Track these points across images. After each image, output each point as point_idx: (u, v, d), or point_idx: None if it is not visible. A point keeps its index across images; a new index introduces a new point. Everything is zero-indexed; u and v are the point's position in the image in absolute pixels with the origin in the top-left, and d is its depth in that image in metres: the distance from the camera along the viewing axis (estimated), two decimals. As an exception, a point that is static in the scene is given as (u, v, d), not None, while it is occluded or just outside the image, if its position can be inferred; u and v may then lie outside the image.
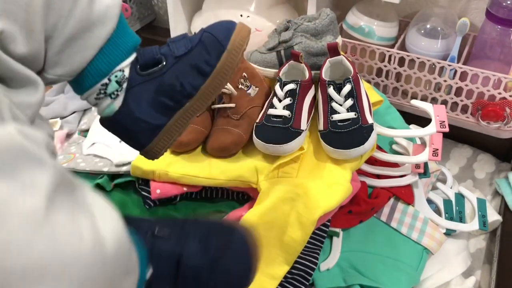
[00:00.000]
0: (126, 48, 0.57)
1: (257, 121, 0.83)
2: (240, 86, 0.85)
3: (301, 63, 0.85)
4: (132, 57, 0.58)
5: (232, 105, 0.84)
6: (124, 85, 0.57)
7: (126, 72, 0.57)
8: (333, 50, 0.83)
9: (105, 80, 0.56)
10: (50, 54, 0.52)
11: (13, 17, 0.45)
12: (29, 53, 0.48)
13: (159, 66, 0.58)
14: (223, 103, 0.84)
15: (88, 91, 0.57)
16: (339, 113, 0.79)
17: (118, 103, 0.58)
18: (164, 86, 0.58)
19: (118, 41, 0.56)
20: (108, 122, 0.60)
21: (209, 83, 0.58)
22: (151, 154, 0.62)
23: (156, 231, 0.55)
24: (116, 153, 0.89)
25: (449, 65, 0.97)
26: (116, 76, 0.57)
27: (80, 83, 0.57)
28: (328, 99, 0.80)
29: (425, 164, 0.89)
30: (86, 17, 0.52)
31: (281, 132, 0.78)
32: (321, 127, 0.81)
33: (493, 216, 0.92)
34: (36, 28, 0.48)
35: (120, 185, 0.88)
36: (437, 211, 0.92)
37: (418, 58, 0.99)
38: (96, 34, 0.53)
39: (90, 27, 0.53)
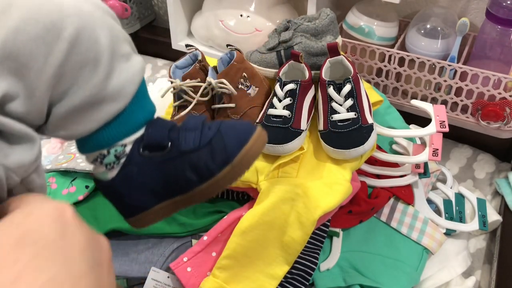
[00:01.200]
0: (134, 125, 0.55)
1: (257, 121, 0.83)
2: (240, 86, 0.85)
3: (301, 63, 0.85)
4: (138, 134, 0.56)
5: (232, 105, 0.84)
6: (122, 160, 0.55)
7: (128, 148, 0.55)
8: (333, 50, 0.83)
9: (104, 151, 0.55)
10: (53, 118, 0.49)
11: (21, 76, 0.43)
12: (27, 112, 0.45)
13: (163, 152, 0.56)
14: (223, 103, 0.84)
15: (86, 154, 0.56)
16: (339, 113, 0.79)
17: (111, 174, 0.56)
18: (160, 176, 0.56)
19: (126, 118, 0.53)
20: (100, 184, 0.59)
21: (204, 188, 0.56)
22: (136, 225, 0.60)
23: None
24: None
25: (449, 65, 0.97)
26: (116, 150, 0.55)
27: (80, 144, 0.55)
28: (328, 99, 0.80)
29: (425, 164, 0.89)
30: (98, 91, 0.49)
31: (281, 132, 0.78)
32: (321, 127, 0.81)
33: (493, 216, 0.92)
34: (40, 94, 0.45)
35: (120, 185, 0.88)
36: (437, 211, 0.92)
37: (418, 58, 0.99)
38: (104, 110, 0.51)
39: (100, 102, 0.50)
